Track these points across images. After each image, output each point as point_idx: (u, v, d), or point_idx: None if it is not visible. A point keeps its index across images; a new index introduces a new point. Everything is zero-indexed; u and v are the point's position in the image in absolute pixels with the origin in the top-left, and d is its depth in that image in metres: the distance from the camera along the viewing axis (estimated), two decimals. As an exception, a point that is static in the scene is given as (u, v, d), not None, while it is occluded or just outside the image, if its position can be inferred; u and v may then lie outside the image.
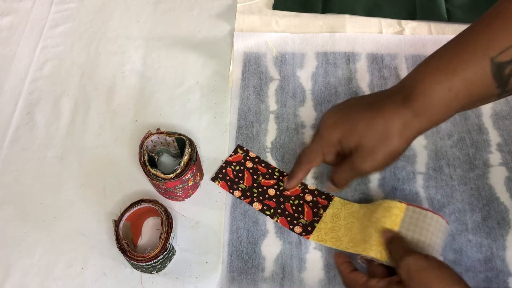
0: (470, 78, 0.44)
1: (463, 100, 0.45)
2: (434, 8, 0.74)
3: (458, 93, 0.44)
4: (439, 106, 0.45)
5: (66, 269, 0.57)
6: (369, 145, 0.49)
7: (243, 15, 0.77)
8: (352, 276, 0.50)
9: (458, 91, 0.44)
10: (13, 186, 0.63)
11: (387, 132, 0.48)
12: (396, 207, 0.52)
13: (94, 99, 0.70)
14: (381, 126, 0.48)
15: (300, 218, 0.58)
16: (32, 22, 0.79)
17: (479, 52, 0.43)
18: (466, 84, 0.44)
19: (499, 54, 0.42)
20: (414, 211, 0.51)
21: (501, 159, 0.61)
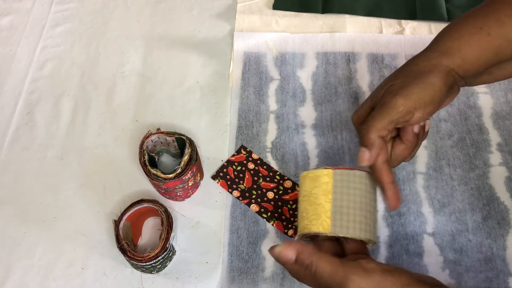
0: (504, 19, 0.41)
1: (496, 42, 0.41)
2: (434, 8, 0.74)
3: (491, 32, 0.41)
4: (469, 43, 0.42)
5: (66, 269, 0.57)
6: (399, 82, 0.44)
7: (243, 15, 0.77)
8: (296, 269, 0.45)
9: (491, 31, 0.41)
10: (13, 186, 0.63)
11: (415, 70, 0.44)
12: (324, 175, 0.49)
13: (94, 99, 0.70)
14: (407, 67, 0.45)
15: (295, 222, 0.58)
16: (32, 22, 0.79)
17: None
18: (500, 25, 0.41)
19: None
20: (342, 173, 0.48)
21: (501, 159, 0.61)
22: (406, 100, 0.43)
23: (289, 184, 0.61)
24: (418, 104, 0.43)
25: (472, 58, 0.42)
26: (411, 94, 0.43)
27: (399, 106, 0.43)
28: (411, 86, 0.43)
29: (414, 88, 0.43)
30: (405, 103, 0.43)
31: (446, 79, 0.43)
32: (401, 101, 0.43)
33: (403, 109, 0.43)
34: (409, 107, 0.43)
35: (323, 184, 0.49)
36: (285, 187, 0.61)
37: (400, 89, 0.43)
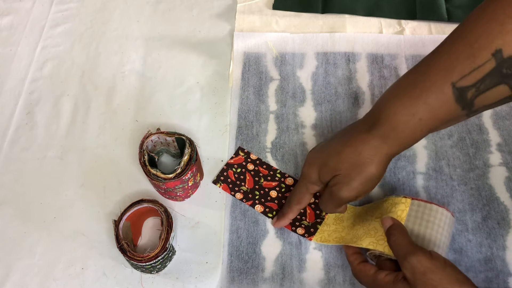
0: (433, 103, 0.44)
1: (428, 125, 0.45)
2: (434, 8, 0.74)
3: (422, 118, 0.45)
4: (404, 131, 0.46)
5: (66, 269, 0.57)
6: (343, 173, 0.49)
7: (243, 15, 0.77)
8: (361, 267, 0.50)
9: (422, 116, 0.45)
10: (13, 186, 0.63)
11: (357, 160, 0.48)
12: (401, 203, 0.52)
13: (94, 99, 0.70)
14: (350, 154, 0.49)
15: (302, 220, 0.58)
16: (32, 22, 0.79)
17: (441, 77, 0.43)
18: (429, 110, 0.44)
19: (460, 79, 0.42)
20: (419, 205, 0.51)
21: (501, 159, 0.61)
22: (350, 193, 0.49)
23: (290, 181, 0.61)
24: (360, 194, 0.50)
25: (407, 141, 0.47)
26: (354, 188, 0.49)
27: (344, 198, 0.50)
28: (354, 180, 0.48)
29: (356, 182, 0.48)
30: (349, 195, 0.49)
31: (384, 166, 0.48)
32: (346, 194, 0.49)
33: (347, 200, 0.50)
34: (353, 197, 0.50)
35: (399, 211, 0.52)
36: (287, 185, 0.61)
37: (344, 183, 0.49)
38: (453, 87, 0.43)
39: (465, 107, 0.44)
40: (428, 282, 0.42)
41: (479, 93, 0.42)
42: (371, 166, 0.48)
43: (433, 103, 0.44)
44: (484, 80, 0.41)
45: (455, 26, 0.48)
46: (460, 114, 0.45)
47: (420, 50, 0.71)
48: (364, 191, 0.50)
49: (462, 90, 0.43)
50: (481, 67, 0.41)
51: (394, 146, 0.47)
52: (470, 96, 0.43)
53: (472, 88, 0.42)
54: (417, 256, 0.44)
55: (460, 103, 0.43)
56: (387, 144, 0.47)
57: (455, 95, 0.43)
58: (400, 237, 0.47)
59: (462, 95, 0.43)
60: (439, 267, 0.43)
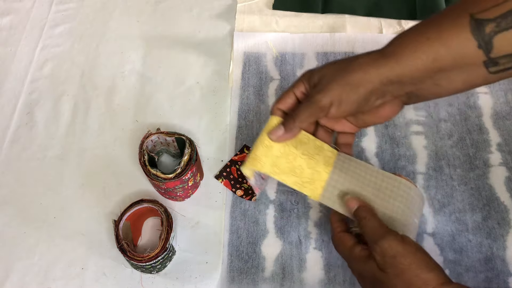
0: (445, 26, 0.41)
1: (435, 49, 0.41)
2: (434, 8, 0.74)
3: (430, 37, 0.41)
4: (407, 47, 0.42)
5: (66, 269, 0.57)
6: (328, 74, 0.46)
7: (243, 15, 0.77)
8: (341, 236, 0.49)
9: (430, 35, 0.41)
10: (13, 186, 0.63)
11: (348, 64, 0.45)
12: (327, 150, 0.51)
13: (94, 99, 0.70)
14: (346, 60, 0.46)
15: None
16: (32, 22, 0.79)
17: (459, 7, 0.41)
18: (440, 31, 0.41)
19: (480, 12, 0.39)
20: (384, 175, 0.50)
21: (501, 159, 0.61)
22: (325, 95, 0.45)
23: None
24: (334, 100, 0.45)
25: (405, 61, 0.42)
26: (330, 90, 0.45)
27: (318, 101, 0.46)
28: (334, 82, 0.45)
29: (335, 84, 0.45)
30: (323, 98, 0.45)
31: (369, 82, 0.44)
32: (320, 96, 0.45)
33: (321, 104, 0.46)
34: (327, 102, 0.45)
35: (326, 157, 0.50)
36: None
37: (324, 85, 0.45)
38: (470, 18, 0.39)
39: (482, 45, 0.39)
40: (398, 266, 0.42)
41: (499, 29, 0.38)
42: (357, 72, 0.44)
43: (445, 27, 0.41)
44: (506, 16, 0.38)
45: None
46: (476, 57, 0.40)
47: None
48: (339, 100, 0.45)
49: (480, 22, 0.39)
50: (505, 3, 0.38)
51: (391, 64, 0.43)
52: (489, 31, 0.39)
53: (491, 22, 0.39)
54: (388, 240, 0.44)
55: (475, 35, 0.39)
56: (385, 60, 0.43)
57: (472, 25, 0.39)
58: (371, 219, 0.46)
59: (479, 28, 0.39)
60: (410, 251, 0.43)
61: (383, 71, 0.43)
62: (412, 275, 0.42)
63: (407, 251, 0.43)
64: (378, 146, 0.63)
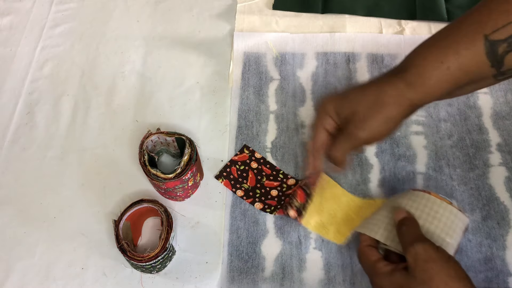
0: (463, 53, 0.44)
1: (455, 75, 0.45)
2: (434, 8, 0.74)
3: (450, 67, 0.44)
4: (431, 78, 0.45)
5: (66, 269, 0.57)
6: (363, 111, 0.48)
7: (243, 15, 0.77)
8: (366, 250, 0.50)
9: (450, 65, 0.44)
10: (13, 186, 0.63)
11: (380, 99, 0.47)
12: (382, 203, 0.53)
13: (94, 99, 0.70)
14: (374, 92, 0.48)
15: (293, 202, 0.58)
16: (32, 22, 0.79)
17: (473, 29, 0.44)
18: (458, 58, 0.44)
19: (493, 32, 0.42)
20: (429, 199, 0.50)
21: (501, 159, 0.61)
22: (367, 132, 0.48)
23: (292, 181, 0.61)
24: (376, 137, 0.49)
25: (433, 90, 0.46)
26: (372, 128, 0.48)
27: (361, 138, 0.49)
28: (373, 119, 0.48)
29: (375, 122, 0.48)
30: (366, 134, 0.48)
31: (406, 112, 0.48)
32: (362, 132, 0.48)
33: (363, 141, 0.49)
34: (369, 138, 0.49)
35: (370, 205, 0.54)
36: (288, 185, 0.61)
37: (363, 121, 0.48)
38: (485, 39, 0.43)
39: (495, 64, 0.43)
40: (428, 270, 0.42)
41: (510, 49, 0.42)
42: (393, 107, 0.47)
43: (463, 53, 0.44)
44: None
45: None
46: (488, 72, 0.44)
47: (420, 50, 0.71)
48: (381, 134, 0.49)
49: (494, 44, 0.42)
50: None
51: (419, 93, 0.46)
52: (501, 52, 0.42)
53: (504, 42, 0.42)
54: (424, 244, 0.44)
55: (490, 57, 0.43)
56: (412, 90, 0.46)
57: (486, 47, 0.43)
58: (411, 227, 0.48)
59: (493, 49, 0.42)
60: (443, 259, 0.43)
61: (414, 101, 0.47)
62: (441, 282, 0.42)
63: (440, 258, 0.43)
64: (378, 146, 0.63)
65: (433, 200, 0.50)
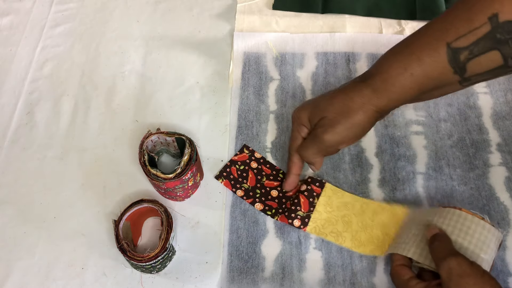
0: (425, 60, 0.45)
1: (419, 81, 0.46)
2: (434, 8, 0.74)
3: (414, 73, 0.45)
4: (395, 84, 0.47)
5: (66, 269, 0.57)
6: (330, 117, 0.50)
7: (243, 15, 0.77)
8: (399, 270, 0.50)
9: (414, 71, 0.45)
10: (13, 186, 0.63)
11: (347, 105, 0.50)
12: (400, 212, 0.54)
13: (94, 99, 0.70)
14: (341, 99, 0.50)
15: (297, 211, 0.58)
16: (32, 22, 0.79)
17: (436, 36, 0.44)
18: (421, 65, 0.45)
19: (455, 40, 0.43)
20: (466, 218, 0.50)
21: (501, 159, 0.61)
22: (333, 136, 0.51)
23: None
24: (343, 141, 0.51)
25: (397, 96, 0.48)
26: (338, 132, 0.50)
27: (327, 141, 0.51)
28: (340, 124, 0.50)
29: (341, 126, 0.50)
30: (332, 139, 0.51)
31: (372, 118, 0.50)
32: (329, 137, 0.51)
33: (330, 144, 0.51)
34: (335, 142, 0.51)
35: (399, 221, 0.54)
36: None
37: (329, 126, 0.50)
38: (447, 47, 0.44)
39: (457, 71, 0.44)
40: (463, 285, 0.42)
41: (472, 56, 0.43)
42: (359, 113, 0.49)
43: (425, 60, 0.45)
44: (478, 43, 0.42)
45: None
46: (452, 79, 0.45)
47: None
48: (348, 138, 0.51)
49: (456, 51, 0.43)
50: (476, 29, 0.42)
51: (384, 99, 0.48)
52: (463, 59, 0.43)
53: (465, 50, 0.43)
54: (458, 258, 0.44)
55: (452, 64, 0.44)
56: (377, 96, 0.48)
57: (448, 55, 0.44)
58: (444, 242, 0.47)
59: (455, 56, 0.43)
60: (478, 274, 0.43)
61: (379, 107, 0.49)
62: None
63: (474, 272, 0.43)
64: (378, 146, 0.63)
65: (464, 216, 0.50)
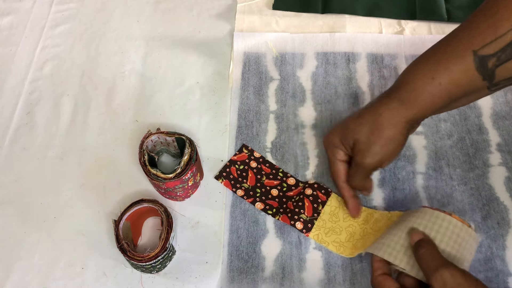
0: (453, 68, 0.45)
1: (448, 90, 0.46)
2: (434, 8, 0.74)
3: (442, 82, 0.46)
4: (423, 94, 0.47)
5: (66, 269, 0.57)
6: (363, 138, 0.50)
7: (243, 15, 0.77)
8: (382, 280, 0.47)
9: (442, 80, 0.45)
10: (13, 186, 0.63)
11: (376, 122, 0.49)
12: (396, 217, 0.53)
13: (94, 99, 0.70)
14: (370, 118, 0.50)
15: (301, 213, 0.58)
16: (32, 22, 0.79)
17: (462, 45, 0.45)
18: (449, 75, 0.45)
19: (482, 48, 0.43)
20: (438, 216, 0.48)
21: (501, 159, 0.61)
22: (373, 159, 0.51)
23: (292, 181, 0.61)
24: (384, 159, 0.51)
25: (427, 106, 0.47)
26: (376, 153, 0.50)
27: (369, 165, 0.51)
28: (374, 144, 0.50)
29: (377, 146, 0.50)
30: (373, 161, 0.51)
31: (404, 130, 0.49)
32: (369, 161, 0.51)
33: (372, 167, 0.52)
34: (377, 163, 0.51)
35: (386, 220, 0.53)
36: (288, 184, 0.61)
37: (366, 150, 0.51)
38: (474, 55, 0.43)
39: (486, 77, 0.44)
40: None
41: (500, 63, 0.43)
42: (390, 128, 0.49)
43: (453, 68, 0.45)
44: (505, 49, 0.42)
45: (455, 26, 0.48)
46: (481, 85, 0.45)
47: (420, 50, 0.70)
48: (387, 155, 0.50)
49: (483, 59, 0.43)
50: (502, 36, 0.42)
51: (413, 110, 0.48)
52: (491, 66, 0.43)
53: (493, 57, 0.43)
54: (450, 270, 0.42)
55: (481, 71, 0.44)
56: (406, 107, 0.48)
57: (476, 62, 0.44)
58: (431, 249, 0.45)
59: (483, 64, 0.43)
60: (472, 284, 0.41)
61: (409, 118, 0.48)
62: None
63: (469, 284, 0.41)
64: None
65: (454, 223, 0.48)
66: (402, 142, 0.50)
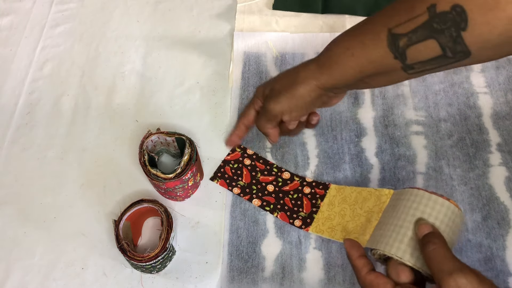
0: (367, 43, 0.47)
1: (359, 62, 0.48)
2: (434, 8, 0.74)
3: (355, 53, 0.48)
4: (337, 62, 0.50)
5: (66, 269, 0.57)
6: (277, 88, 0.54)
7: (243, 15, 0.77)
8: (373, 279, 0.44)
9: (355, 52, 0.48)
10: (13, 186, 0.63)
11: (292, 78, 0.53)
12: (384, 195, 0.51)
13: (94, 99, 0.70)
14: (289, 74, 0.54)
15: (299, 212, 0.58)
16: (32, 22, 0.79)
17: (379, 22, 0.47)
18: (363, 48, 0.47)
19: (396, 27, 0.45)
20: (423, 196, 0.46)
21: (501, 159, 0.61)
22: (275, 105, 0.54)
23: (287, 175, 0.61)
24: (285, 110, 0.54)
25: (338, 74, 0.50)
26: (280, 102, 0.54)
27: (270, 110, 0.54)
28: (281, 94, 0.53)
29: (283, 97, 0.53)
30: (274, 107, 0.54)
31: (313, 93, 0.52)
32: (271, 106, 0.54)
33: (273, 113, 0.54)
34: (278, 111, 0.54)
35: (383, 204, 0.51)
36: (284, 179, 0.61)
37: (274, 96, 0.54)
38: (388, 33, 0.45)
39: (398, 56, 0.45)
40: None
41: (410, 43, 0.44)
42: (301, 85, 0.52)
43: (367, 43, 0.47)
44: (416, 31, 0.44)
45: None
46: (393, 64, 0.46)
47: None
48: (289, 108, 0.53)
49: (395, 37, 0.45)
50: (416, 18, 0.44)
51: (326, 75, 0.51)
52: (402, 45, 0.45)
53: (404, 36, 0.44)
54: (466, 275, 0.39)
55: (392, 49, 0.45)
56: (320, 71, 0.51)
57: (388, 39, 0.45)
58: (442, 248, 0.41)
59: (394, 42, 0.45)
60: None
61: (321, 82, 0.51)
62: None
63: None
64: (378, 146, 0.63)
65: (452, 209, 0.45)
66: (308, 103, 0.53)
